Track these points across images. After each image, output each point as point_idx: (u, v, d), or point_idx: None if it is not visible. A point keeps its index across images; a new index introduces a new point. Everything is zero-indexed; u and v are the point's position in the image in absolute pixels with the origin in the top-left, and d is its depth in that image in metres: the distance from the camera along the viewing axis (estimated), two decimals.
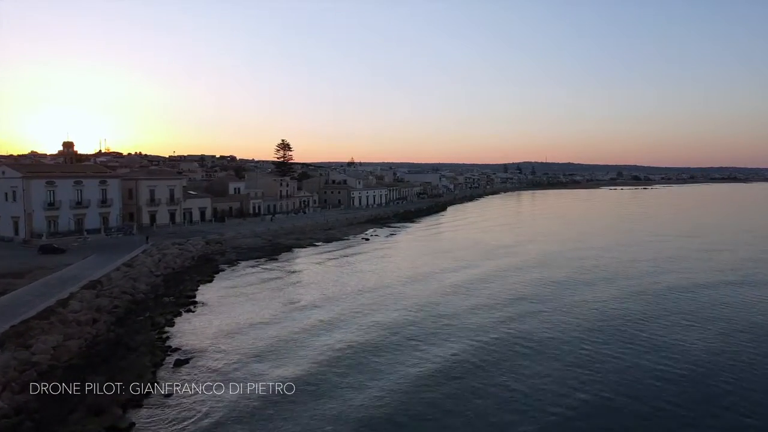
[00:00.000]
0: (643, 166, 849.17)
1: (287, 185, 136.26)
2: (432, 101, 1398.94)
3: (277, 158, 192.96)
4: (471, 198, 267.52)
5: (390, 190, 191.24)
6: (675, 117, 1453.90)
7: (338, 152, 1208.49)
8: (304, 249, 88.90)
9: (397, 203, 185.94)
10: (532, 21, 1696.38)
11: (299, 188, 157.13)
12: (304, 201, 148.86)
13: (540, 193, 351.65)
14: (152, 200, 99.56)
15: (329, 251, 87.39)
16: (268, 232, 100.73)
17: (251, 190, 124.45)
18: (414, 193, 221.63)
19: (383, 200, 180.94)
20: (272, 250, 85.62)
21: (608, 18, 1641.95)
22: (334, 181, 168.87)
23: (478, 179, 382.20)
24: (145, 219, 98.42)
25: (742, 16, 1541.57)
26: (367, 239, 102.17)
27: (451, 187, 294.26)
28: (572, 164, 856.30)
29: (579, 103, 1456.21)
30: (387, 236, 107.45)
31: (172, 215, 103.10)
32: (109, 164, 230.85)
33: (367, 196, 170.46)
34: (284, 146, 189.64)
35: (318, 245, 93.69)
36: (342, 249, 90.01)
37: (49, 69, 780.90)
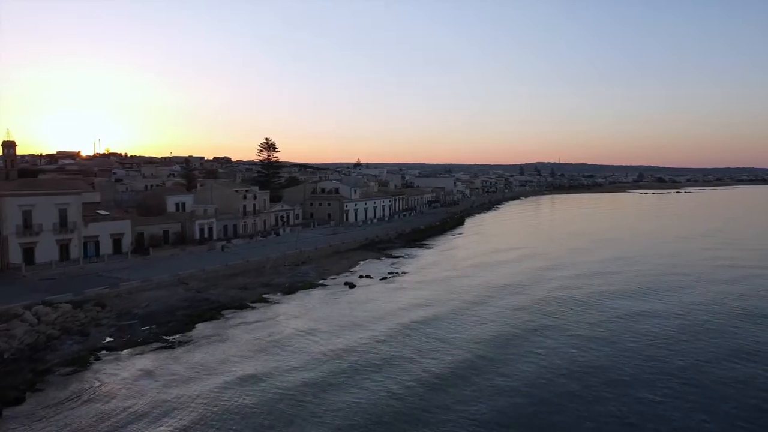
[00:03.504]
0: (660, 167, 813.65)
1: (254, 198, 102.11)
2: (442, 101, 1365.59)
3: (261, 160, 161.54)
4: (490, 206, 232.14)
5: (395, 200, 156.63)
6: (689, 116, 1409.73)
7: (346, 153, 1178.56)
8: (241, 313, 54.49)
9: (404, 216, 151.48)
10: (543, 20, 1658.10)
11: (278, 199, 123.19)
12: (282, 217, 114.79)
13: (562, 198, 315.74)
14: (28, 226, 65.89)
15: (280, 319, 52.91)
16: (202, 274, 66.63)
17: (199, 206, 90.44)
18: (425, 201, 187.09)
19: (386, 212, 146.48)
20: (187, 316, 51.37)
21: (619, 16, 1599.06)
22: (323, 190, 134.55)
23: (496, 182, 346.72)
24: (15, 256, 64.80)
25: (760, 13, 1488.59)
26: (353, 285, 67.70)
27: (467, 192, 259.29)
28: (586, 165, 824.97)
29: (591, 103, 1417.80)
30: (383, 278, 72.72)
31: (65, 248, 69.41)
32: (67, 168, 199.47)
33: (366, 209, 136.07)
34: (268, 146, 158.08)
35: (270, 300, 59.39)
36: (304, 312, 55.56)
37: (57, 70, 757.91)
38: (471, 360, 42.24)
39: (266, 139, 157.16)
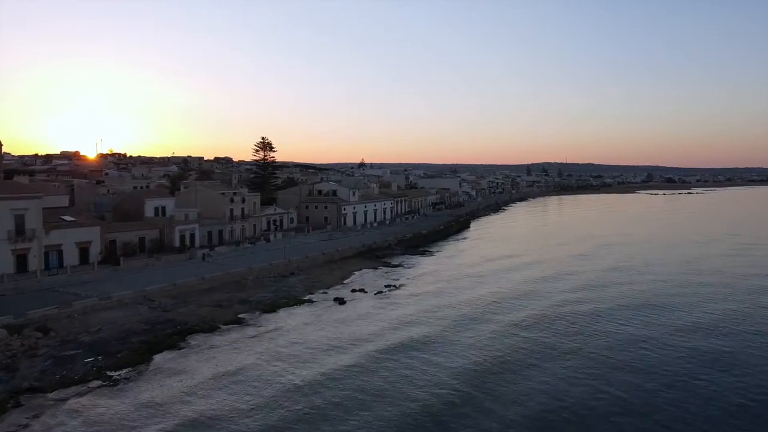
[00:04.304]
0: (669, 167, 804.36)
1: (243, 201, 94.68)
2: (449, 101, 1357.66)
3: (257, 160, 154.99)
4: (496, 207, 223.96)
5: (396, 202, 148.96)
6: (696, 116, 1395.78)
7: (352, 154, 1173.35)
8: (210, 338, 46.80)
9: (407, 219, 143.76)
10: (550, 20, 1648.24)
11: (271, 202, 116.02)
12: (275, 221, 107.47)
13: (571, 199, 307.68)
14: None
15: (252, 343, 45.06)
16: (172, 289, 59.09)
17: (180, 211, 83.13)
18: (428, 203, 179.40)
19: (388, 215, 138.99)
20: (143, 344, 43.68)
21: (626, 15, 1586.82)
22: (320, 192, 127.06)
23: (502, 183, 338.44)
24: None
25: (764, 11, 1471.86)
26: (343, 301, 60.10)
27: (473, 193, 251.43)
28: (593, 165, 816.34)
29: (598, 102, 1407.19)
30: (378, 293, 64.90)
31: (22, 258, 62.18)
32: (58, 169, 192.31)
33: (365, 212, 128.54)
34: (264, 145, 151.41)
35: (245, 321, 51.68)
36: (281, 334, 47.79)
37: (64, 71, 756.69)
38: (470, 394, 35.71)
39: (262, 138, 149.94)
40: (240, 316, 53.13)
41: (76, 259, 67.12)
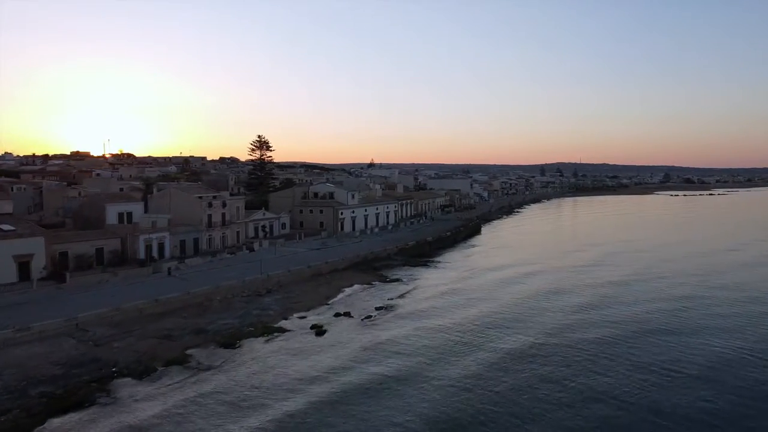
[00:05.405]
0: (686, 167, 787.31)
1: (223, 205, 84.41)
2: (462, 101, 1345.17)
3: (253, 159, 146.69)
4: (509, 210, 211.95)
5: (401, 205, 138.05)
6: (711, 116, 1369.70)
7: (364, 154, 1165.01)
8: (135, 387, 36.33)
9: (412, 223, 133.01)
10: (563, 20, 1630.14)
11: (262, 206, 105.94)
12: (264, 227, 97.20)
13: (587, 200, 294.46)
14: None
15: (186, 392, 34.49)
16: (116, 315, 48.81)
17: (148, 217, 73.09)
18: (437, 205, 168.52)
19: (390, 219, 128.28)
20: (44, 398, 33.48)
21: (640, 15, 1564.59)
22: (316, 195, 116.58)
23: (516, 184, 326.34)
24: None
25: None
26: (322, 330, 49.43)
27: (485, 195, 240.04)
28: (608, 165, 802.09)
29: (612, 102, 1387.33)
30: (367, 317, 54.03)
31: None
32: (47, 169, 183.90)
33: (365, 216, 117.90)
34: (261, 144, 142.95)
35: (191, 362, 41.05)
36: (227, 377, 37.25)
37: (80, 71, 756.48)
38: None
39: (258, 136, 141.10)
40: (189, 351, 42.76)
41: (14, 275, 57.24)
